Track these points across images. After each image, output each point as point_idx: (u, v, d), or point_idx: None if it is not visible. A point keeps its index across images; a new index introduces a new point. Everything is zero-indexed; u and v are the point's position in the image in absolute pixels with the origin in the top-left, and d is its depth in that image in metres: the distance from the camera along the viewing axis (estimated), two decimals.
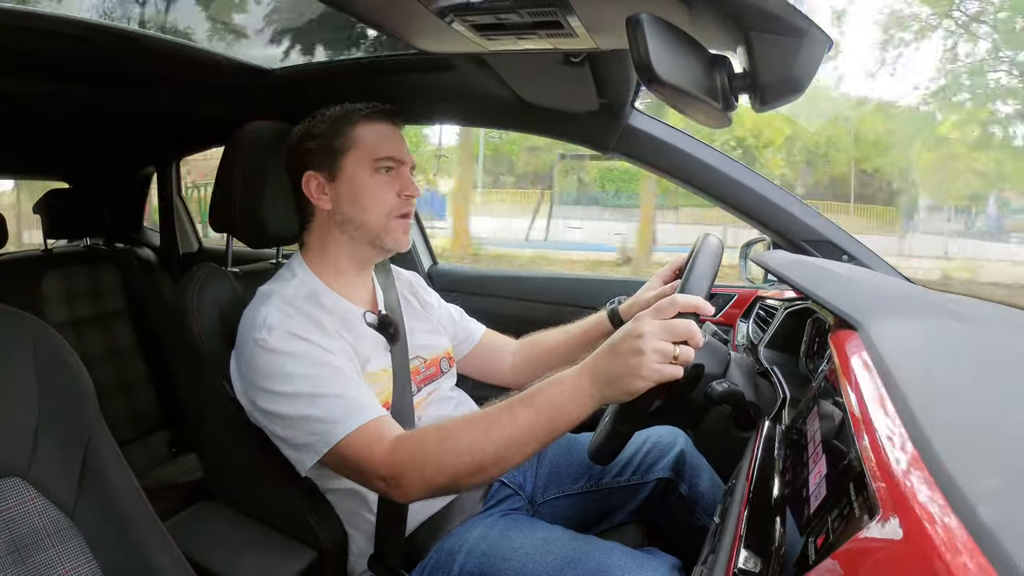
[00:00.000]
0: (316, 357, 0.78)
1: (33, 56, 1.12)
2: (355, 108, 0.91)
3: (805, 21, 0.57)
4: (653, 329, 0.63)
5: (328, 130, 0.90)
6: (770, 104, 0.63)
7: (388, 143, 0.90)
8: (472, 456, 0.67)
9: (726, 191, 1.22)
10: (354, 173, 0.89)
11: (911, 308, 0.75)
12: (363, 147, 0.89)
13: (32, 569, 0.59)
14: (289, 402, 0.77)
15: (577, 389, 0.66)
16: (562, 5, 0.73)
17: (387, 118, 0.92)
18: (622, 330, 0.66)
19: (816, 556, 0.42)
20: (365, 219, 0.89)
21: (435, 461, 0.69)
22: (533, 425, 0.66)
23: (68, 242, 1.97)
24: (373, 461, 0.72)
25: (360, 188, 0.89)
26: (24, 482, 0.60)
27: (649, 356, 0.62)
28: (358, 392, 0.77)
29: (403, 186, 0.90)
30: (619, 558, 0.75)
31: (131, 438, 1.75)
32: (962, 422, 0.46)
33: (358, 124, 0.90)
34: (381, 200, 0.89)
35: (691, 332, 0.63)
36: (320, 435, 0.74)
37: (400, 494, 0.72)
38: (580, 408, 0.66)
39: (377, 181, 0.89)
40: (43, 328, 0.66)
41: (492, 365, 1.14)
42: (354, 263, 0.93)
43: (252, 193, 0.94)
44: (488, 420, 0.68)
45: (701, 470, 1.01)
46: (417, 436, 0.73)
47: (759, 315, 1.20)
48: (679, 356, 0.63)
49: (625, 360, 0.63)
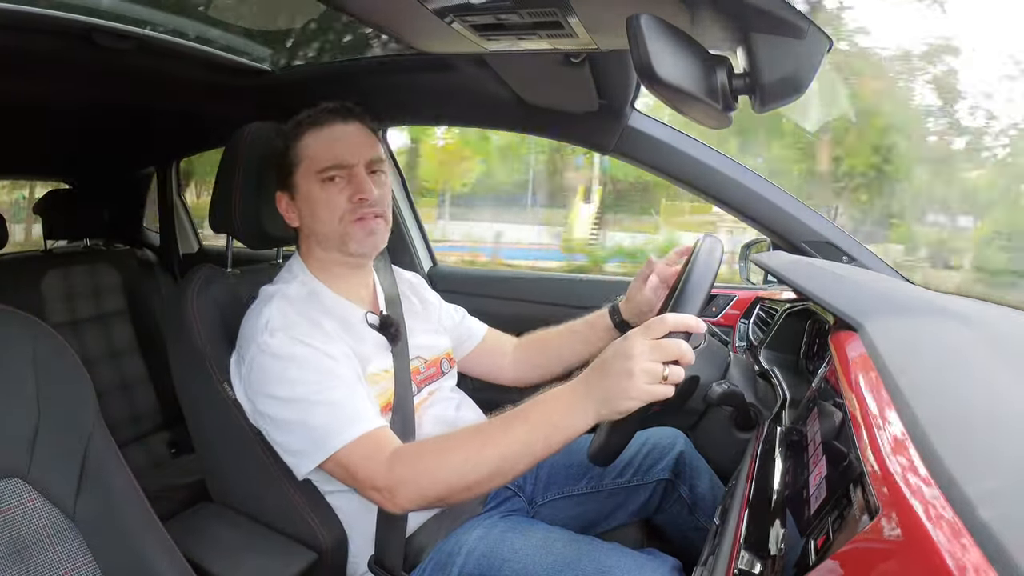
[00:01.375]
0: (318, 363, 0.78)
1: (33, 56, 1.12)
2: (303, 117, 0.88)
3: (805, 21, 0.57)
4: (642, 350, 0.63)
5: (282, 146, 0.88)
6: (770, 105, 0.63)
7: (331, 150, 0.86)
8: (467, 471, 0.68)
9: (726, 192, 1.22)
10: (306, 188, 0.87)
11: (911, 309, 0.75)
12: (308, 160, 0.86)
13: (32, 570, 0.59)
14: (288, 407, 0.77)
15: (571, 406, 0.66)
16: (562, 5, 0.73)
17: (335, 118, 0.87)
18: (612, 348, 0.66)
19: (816, 557, 0.42)
20: (324, 231, 0.88)
21: (431, 475, 0.70)
22: (528, 441, 0.67)
23: (68, 242, 1.97)
24: (369, 473, 0.73)
25: (312, 202, 0.87)
26: (24, 483, 0.60)
27: (638, 377, 0.62)
28: (358, 401, 0.77)
29: (354, 190, 0.86)
30: (619, 559, 0.75)
31: (131, 438, 1.75)
32: (962, 422, 0.46)
33: (305, 134, 0.87)
34: (332, 208, 0.86)
35: (680, 352, 0.63)
36: (317, 443, 0.75)
37: (395, 505, 0.73)
38: (575, 424, 0.66)
39: (327, 191, 0.86)
40: (43, 328, 0.66)
41: (494, 363, 1.14)
42: (341, 267, 0.92)
43: (251, 194, 0.94)
44: (483, 436, 0.69)
45: (701, 471, 1.01)
46: (413, 450, 0.74)
47: (759, 316, 1.20)
48: (669, 376, 0.63)
49: (616, 381, 0.63)
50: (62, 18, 1.02)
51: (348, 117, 0.88)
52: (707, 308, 1.31)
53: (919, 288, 1.00)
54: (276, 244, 1.04)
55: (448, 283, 1.60)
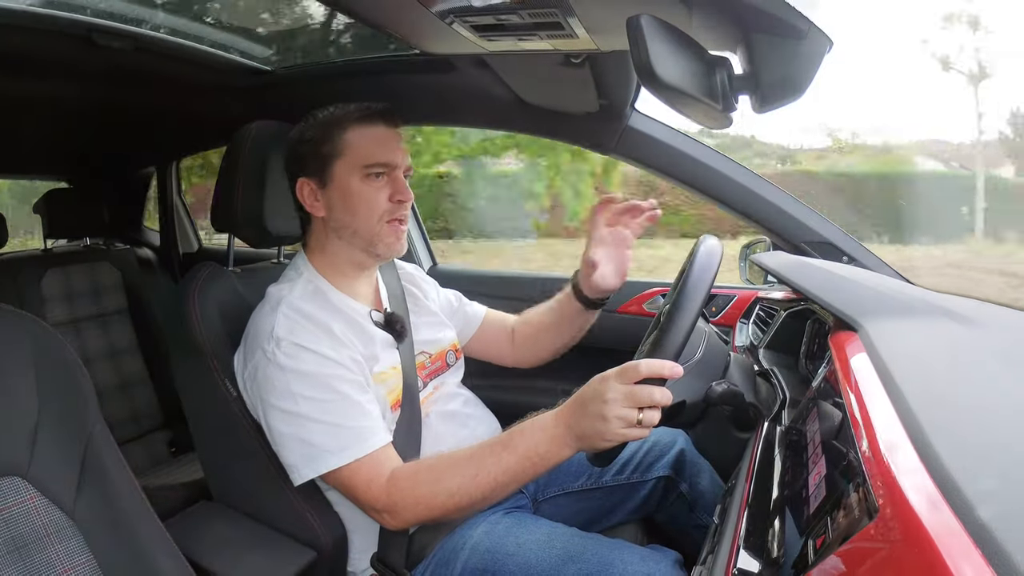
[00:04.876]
0: (323, 378, 0.78)
1: (33, 56, 1.12)
2: (346, 111, 0.88)
3: (805, 22, 0.57)
4: (615, 396, 0.65)
5: (318, 135, 0.88)
6: (770, 105, 0.63)
7: (379, 148, 0.87)
8: (461, 497, 0.74)
9: (726, 192, 1.22)
10: (345, 180, 0.86)
11: (911, 309, 0.75)
12: (353, 153, 0.86)
13: (32, 568, 0.59)
14: (289, 421, 0.78)
15: (555, 439, 0.71)
16: (562, 6, 0.73)
17: (380, 120, 0.88)
18: (591, 388, 0.69)
19: (816, 556, 0.42)
20: (357, 225, 0.87)
21: (427, 501, 0.75)
22: (516, 470, 0.73)
23: (68, 242, 1.97)
24: (368, 495, 0.77)
25: (351, 195, 0.86)
26: (24, 481, 0.61)
27: (613, 423, 0.65)
28: (360, 421, 0.78)
29: (395, 190, 0.87)
30: (622, 553, 0.75)
31: (131, 438, 1.75)
32: (962, 422, 0.46)
33: (348, 129, 0.87)
34: (372, 205, 0.86)
35: (653, 400, 0.65)
36: (314, 459, 0.77)
37: (392, 525, 0.77)
38: (559, 454, 0.72)
39: (368, 187, 0.86)
40: (43, 328, 0.66)
41: (496, 345, 1.15)
42: (353, 266, 0.92)
43: (253, 193, 0.94)
44: (475, 464, 0.74)
45: (701, 469, 1.01)
46: (410, 475, 0.77)
47: (759, 316, 1.20)
48: (643, 420, 0.65)
49: (591, 423, 0.67)
50: (62, 18, 1.02)
51: (392, 121, 0.89)
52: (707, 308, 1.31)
53: (919, 288, 0.99)
54: (277, 243, 1.04)
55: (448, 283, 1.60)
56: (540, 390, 1.36)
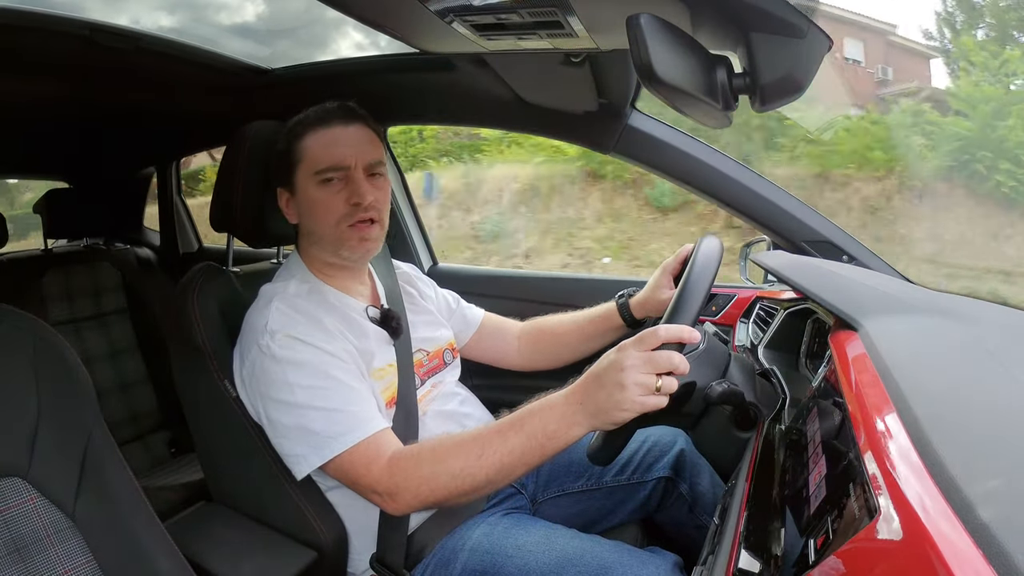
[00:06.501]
0: (319, 366, 0.78)
1: (33, 56, 1.12)
2: (306, 116, 0.87)
3: (805, 21, 0.57)
4: (634, 362, 0.64)
5: (284, 144, 0.88)
6: (770, 104, 0.63)
7: (328, 152, 0.85)
8: (464, 479, 0.71)
9: (726, 191, 1.22)
10: (304, 187, 0.86)
11: (911, 308, 0.75)
12: (308, 160, 0.85)
13: (32, 569, 0.59)
14: (288, 411, 0.77)
15: (565, 416, 0.68)
16: (562, 5, 0.73)
17: (337, 120, 0.86)
18: (606, 359, 0.67)
19: (816, 556, 0.42)
20: (321, 232, 0.87)
21: (429, 482, 0.72)
22: (523, 451, 0.69)
23: (68, 242, 1.97)
24: (369, 478, 0.75)
25: (309, 202, 0.86)
26: (24, 482, 0.60)
27: (631, 390, 0.63)
28: (358, 405, 0.78)
29: (350, 193, 0.85)
30: (620, 555, 0.75)
31: (131, 438, 1.75)
32: (962, 422, 0.46)
33: (306, 134, 0.86)
34: (329, 211, 0.85)
35: (673, 364, 0.64)
36: (315, 447, 0.76)
37: (394, 508, 0.75)
38: (569, 434, 0.68)
39: (323, 192, 0.85)
40: (43, 328, 0.66)
41: (498, 349, 1.14)
42: (335, 267, 0.92)
43: (252, 193, 0.94)
44: (480, 445, 0.71)
45: (701, 469, 1.01)
46: (412, 455, 0.75)
47: (759, 315, 1.20)
48: (662, 387, 0.64)
49: (609, 393, 0.65)
50: (62, 18, 1.02)
51: (350, 118, 0.87)
52: (707, 308, 1.31)
53: (919, 288, 0.99)
54: (277, 242, 1.04)
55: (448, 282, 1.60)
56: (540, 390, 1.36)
